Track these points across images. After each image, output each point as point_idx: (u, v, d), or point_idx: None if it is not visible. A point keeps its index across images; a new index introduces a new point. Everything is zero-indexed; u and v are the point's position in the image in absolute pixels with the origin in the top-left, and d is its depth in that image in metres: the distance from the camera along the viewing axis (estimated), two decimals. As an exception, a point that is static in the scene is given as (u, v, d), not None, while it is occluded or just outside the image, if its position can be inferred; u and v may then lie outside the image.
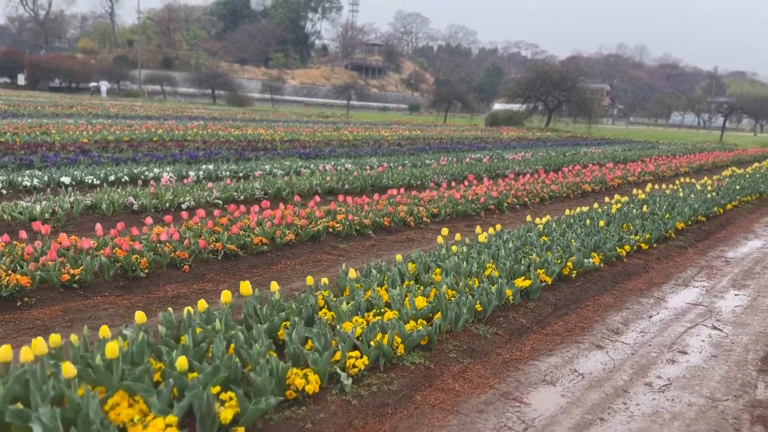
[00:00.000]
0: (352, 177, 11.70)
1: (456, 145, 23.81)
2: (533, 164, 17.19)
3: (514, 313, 5.11)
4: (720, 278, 7.16)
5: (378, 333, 3.98)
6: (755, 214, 12.04)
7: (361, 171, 12.63)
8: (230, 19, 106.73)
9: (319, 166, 13.40)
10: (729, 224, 10.56)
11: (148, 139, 18.36)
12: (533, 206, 11.31)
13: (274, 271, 6.26)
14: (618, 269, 6.90)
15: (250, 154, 16.05)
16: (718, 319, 5.67)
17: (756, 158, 25.22)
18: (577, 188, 13.10)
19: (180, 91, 73.02)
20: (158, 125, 23.08)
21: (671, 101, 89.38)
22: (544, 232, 7.49)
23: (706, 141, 39.36)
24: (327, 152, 18.12)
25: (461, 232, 8.60)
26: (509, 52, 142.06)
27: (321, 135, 24.64)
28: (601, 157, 20.45)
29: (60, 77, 72.54)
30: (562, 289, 5.87)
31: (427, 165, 15.38)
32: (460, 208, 9.63)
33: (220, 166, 12.58)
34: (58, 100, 41.33)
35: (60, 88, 72.17)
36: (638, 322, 5.47)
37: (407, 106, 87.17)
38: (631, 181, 15.28)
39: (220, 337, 3.48)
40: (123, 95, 66.38)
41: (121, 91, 70.08)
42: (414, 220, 8.69)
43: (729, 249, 8.83)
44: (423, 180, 13.07)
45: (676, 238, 8.73)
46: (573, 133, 41.78)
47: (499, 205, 10.58)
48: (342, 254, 7.04)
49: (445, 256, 5.93)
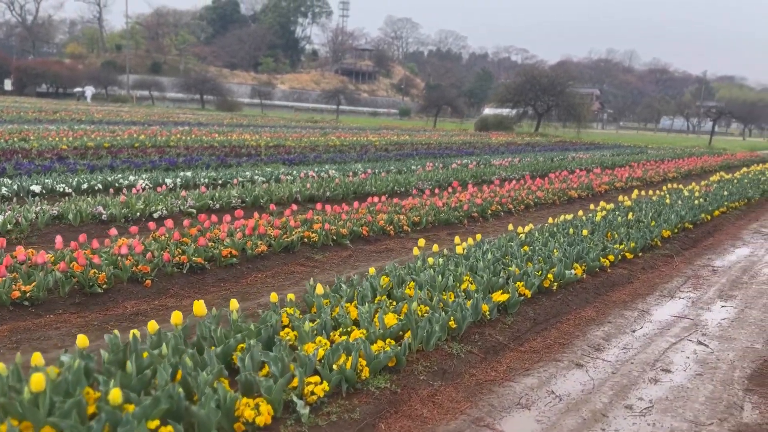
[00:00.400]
0: (333, 184, 11.44)
1: (444, 151, 23.61)
2: (520, 170, 17.01)
3: (491, 330, 4.87)
4: (707, 289, 6.96)
5: (342, 355, 3.72)
6: (743, 220, 11.88)
7: (343, 178, 12.38)
8: (220, 23, 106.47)
9: (302, 173, 13.14)
10: (716, 231, 10.39)
11: (129, 145, 18.05)
12: (518, 213, 11.09)
13: (244, 284, 6.00)
14: (601, 280, 6.68)
15: (233, 160, 15.76)
16: (704, 333, 5.46)
17: (744, 163, 25.17)
18: (564, 195, 12.91)
19: (169, 97, 72.67)
20: (141, 131, 22.73)
21: (660, 106, 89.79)
22: (526, 242, 7.26)
23: (695, 145, 39.40)
24: (312, 158, 17.86)
25: (442, 241, 8.37)
26: (499, 57, 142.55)
27: (307, 140, 24.36)
28: (589, 163, 20.31)
29: (47, 82, 71.94)
30: (542, 303, 5.63)
31: (413, 171, 15.14)
32: (442, 216, 9.39)
33: (199, 173, 12.29)
34: (43, 106, 40.84)
35: (47, 93, 71.59)
36: (621, 337, 5.24)
37: (398, 111, 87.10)
38: (619, 186, 15.11)
39: (166, 364, 3.22)
40: (111, 101, 65.72)
41: (109, 96, 69.48)
42: (394, 229, 8.45)
43: (716, 257, 8.63)
44: (407, 186, 12.84)
45: (662, 247, 8.53)
46: (562, 138, 41.72)
47: (482, 213, 10.36)
48: (317, 266, 6.78)
49: (421, 268, 5.68)
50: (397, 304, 4.70)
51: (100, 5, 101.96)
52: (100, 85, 70.80)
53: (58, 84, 71.33)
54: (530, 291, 5.57)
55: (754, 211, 12.98)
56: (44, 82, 72.20)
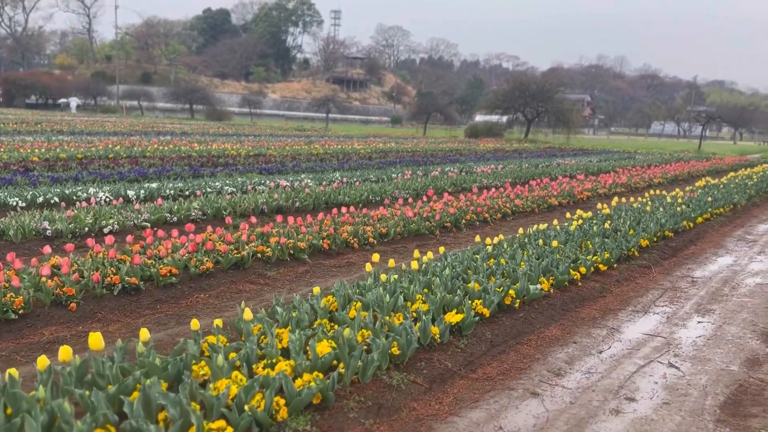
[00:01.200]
0: (303, 194, 11.02)
1: (429, 158, 23.24)
2: (503, 177, 16.64)
3: (441, 355, 4.45)
4: (684, 302, 6.55)
5: (258, 393, 3.29)
6: (728, 227, 11.50)
7: (314, 187, 11.96)
8: (211, 33, 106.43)
9: (272, 183, 12.72)
10: (699, 239, 10.00)
11: (104, 156, 17.61)
12: (494, 223, 10.69)
13: (183, 306, 5.56)
14: (571, 295, 6.26)
15: (207, 170, 15.32)
16: (676, 353, 5.05)
17: (733, 167, 24.87)
18: (543, 202, 12.52)
19: (159, 107, 72.39)
20: (119, 141, 22.29)
21: (651, 111, 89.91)
22: (493, 254, 6.85)
23: (685, 150, 39.18)
24: (290, 167, 17.45)
25: (410, 253, 7.95)
26: (490, 64, 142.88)
27: (290, 149, 23.97)
28: (574, 169, 19.95)
29: (36, 94, 71.52)
30: (501, 322, 5.22)
31: (391, 179, 14.74)
32: (412, 227, 8.97)
33: (166, 184, 11.85)
34: (27, 117, 40.33)
35: (36, 104, 71.24)
36: (585, 359, 4.83)
37: (389, 119, 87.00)
38: (602, 193, 14.75)
39: (37, 411, 2.78)
40: (100, 111, 65.45)
41: (98, 107, 69.19)
42: (359, 242, 8.02)
43: (697, 267, 8.24)
44: (383, 196, 12.43)
45: (640, 257, 8.13)
46: (551, 144, 41.47)
47: (456, 223, 9.95)
48: (268, 283, 6.35)
49: (372, 286, 5.26)
50: (338, 329, 4.27)
51: (89, 16, 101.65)
52: (89, 96, 70.48)
53: (47, 95, 70.94)
54: (489, 309, 5.15)
55: (740, 217, 12.62)
56: (33, 94, 71.84)
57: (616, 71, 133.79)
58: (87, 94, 70.58)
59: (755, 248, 9.72)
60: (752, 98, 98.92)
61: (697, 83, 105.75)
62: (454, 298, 5.10)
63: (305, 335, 4.13)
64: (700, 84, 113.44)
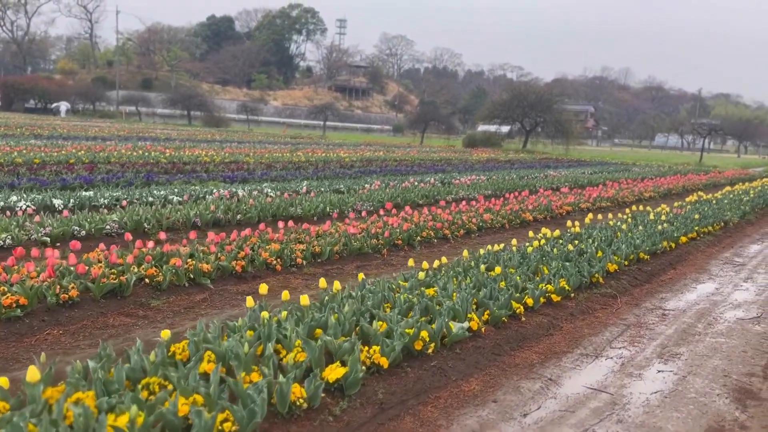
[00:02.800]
0: (246, 205, 10.03)
1: (413, 168, 22.28)
2: (482, 188, 15.63)
3: (301, 428, 3.43)
4: (646, 343, 5.52)
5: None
6: (715, 247, 10.44)
7: (259, 198, 10.96)
8: (214, 40, 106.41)
9: (216, 192, 11.75)
10: (680, 262, 8.95)
11: (64, 161, 16.69)
12: (455, 240, 9.67)
13: (26, 345, 4.56)
14: (508, 334, 5.23)
15: (164, 177, 14.37)
16: (621, 418, 4.01)
17: (731, 181, 23.79)
18: (517, 217, 11.50)
19: (159, 113, 71.97)
20: (90, 146, 21.38)
21: (655, 123, 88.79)
22: (425, 282, 5.84)
23: (685, 163, 38.12)
24: (259, 175, 16.50)
25: (345, 277, 6.94)
26: (495, 74, 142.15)
27: (269, 156, 23.08)
28: (562, 181, 18.92)
29: (35, 98, 71.14)
30: (403, 375, 4.19)
31: (356, 190, 13.76)
32: (354, 246, 7.96)
33: (103, 192, 10.88)
34: (12, 121, 39.56)
35: (35, 108, 70.92)
36: (501, 427, 3.80)
37: (391, 128, 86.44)
38: (584, 207, 13.71)
39: None
40: (99, 116, 65.08)
41: (96, 111, 68.81)
42: (283, 263, 7.02)
43: (671, 296, 7.20)
44: (343, 207, 11.45)
45: (606, 284, 7.09)
46: (549, 155, 40.48)
47: (409, 240, 8.93)
48: (148, 316, 5.34)
49: (242, 327, 4.25)
50: (159, 394, 3.25)
51: (91, 21, 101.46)
52: (88, 101, 70.14)
53: (46, 100, 70.50)
54: (388, 358, 4.14)
55: (730, 236, 11.56)
56: (32, 98, 71.50)
57: (621, 83, 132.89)
58: (86, 99, 70.30)
59: (742, 273, 8.66)
60: (758, 111, 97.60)
61: (702, 96, 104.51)
62: (343, 345, 4.08)
63: (109, 404, 3.12)
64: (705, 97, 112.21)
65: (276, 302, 5.75)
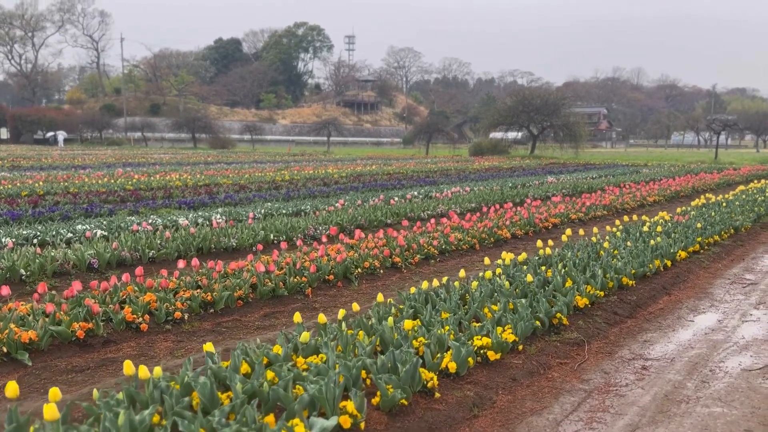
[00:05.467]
0: (163, 239, 8.61)
1: (400, 181, 20.79)
2: (465, 201, 14.06)
3: None
4: (610, 422, 3.94)
5: None
6: (722, 261, 8.77)
7: (179, 230, 9.51)
8: (223, 63, 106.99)
9: (135, 225, 10.35)
10: (676, 285, 7.32)
11: (15, 193, 15.49)
12: (408, 269, 8.13)
13: None
14: (409, 424, 3.69)
15: (107, 207, 13.04)
16: None
17: (747, 178, 21.92)
18: (491, 235, 9.94)
19: (167, 137, 71.90)
20: (54, 176, 20.23)
21: (670, 121, 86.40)
22: (311, 348, 4.33)
23: (699, 161, 36.12)
24: (222, 199, 15.12)
25: (234, 334, 5.47)
26: (505, 81, 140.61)
27: (249, 176, 21.77)
28: (559, 188, 17.28)
29: (43, 129, 71.40)
30: None
31: (307, 213, 12.32)
32: (265, 288, 6.45)
33: (12, 230, 9.54)
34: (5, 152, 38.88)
35: (44, 139, 71.19)
36: None
37: (401, 140, 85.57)
38: (575, 218, 12.10)
39: None
40: (106, 144, 65.18)
41: (105, 139, 68.94)
42: (156, 319, 5.52)
43: (659, 337, 5.60)
44: (291, 234, 9.98)
45: (572, 325, 5.52)
46: (557, 160, 38.78)
47: (346, 274, 7.43)
48: None
49: None
50: None
51: (97, 50, 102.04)
52: (95, 129, 70.32)
53: (54, 130, 70.55)
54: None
55: (742, 245, 9.86)
56: (39, 129, 71.74)
57: (634, 83, 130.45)
58: (93, 128, 70.51)
59: (753, 296, 7.01)
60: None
61: (718, 91, 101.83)
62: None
63: None
64: (721, 92, 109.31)
65: (108, 382, 4.29)
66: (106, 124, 71.65)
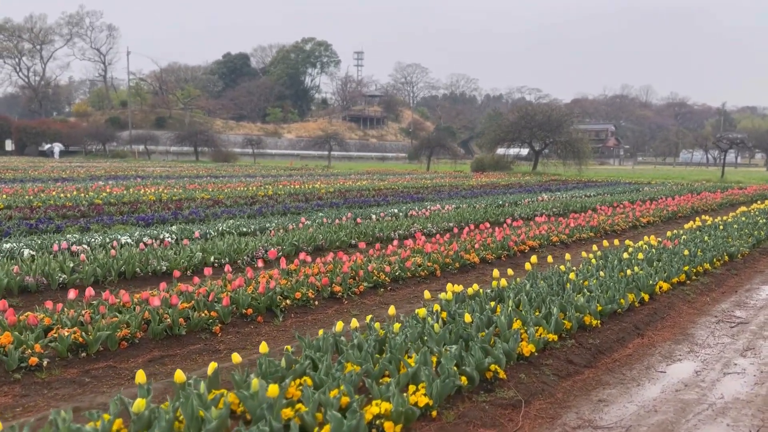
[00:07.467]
0: (77, 263, 7.68)
1: (386, 198, 19.83)
2: (445, 221, 13.08)
3: None
4: None
5: None
6: (712, 293, 7.71)
7: (107, 250, 8.57)
8: (230, 77, 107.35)
9: (55, 245, 9.44)
10: (651, 324, 6.28)
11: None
12: (350, 299, 7.15)
13: None
14: None
15: (53, 224, 12.16)
16: None
17: (752, 198, 20.77)
18: (457, 259, 8.95)
19: (172, 150, 71.67)
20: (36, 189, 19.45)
21: (678, 139, 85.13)
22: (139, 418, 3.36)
23: (705, 179, 34.93)
24: (185, 215, 14.22)
25: (102, 384, 4.51)
26: (513, 97, 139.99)
27: (229, 191, 20.95)
28: (549, 207, 16.25)
29: (47, 141, 71.36)
30: None
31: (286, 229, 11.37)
32: (158, 326, 5.47)
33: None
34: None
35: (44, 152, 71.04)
36: None
37: (406, 155, 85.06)
38: (555, 241, 11.07)
39: None
40: (111, 156, 65.21)
41: (109, 152, 68.92)
42: (7, 366, 4.57)
43: (618, 395, 4.57)
44: (236, 256, 9.05)
45: (511, 379, 4.51)
46: (558, 176, 37.73)
47: (270, 307, 6.44)
48: None
49: None
50: None
51: (105, 63, 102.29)
52: (99, 142, 70.26)
53: (61, 143, 70.39)
54: None
55: (736, 275, 8.79)
56: (44, 142, 71.67)
57: (642, 100, 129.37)
58: (97, 140, 70.46)
59: (741, 339, 5.96)
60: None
61: (728, 110, 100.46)
62: None
63: None
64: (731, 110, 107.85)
65: None
66: (110, 136, 71.74)
